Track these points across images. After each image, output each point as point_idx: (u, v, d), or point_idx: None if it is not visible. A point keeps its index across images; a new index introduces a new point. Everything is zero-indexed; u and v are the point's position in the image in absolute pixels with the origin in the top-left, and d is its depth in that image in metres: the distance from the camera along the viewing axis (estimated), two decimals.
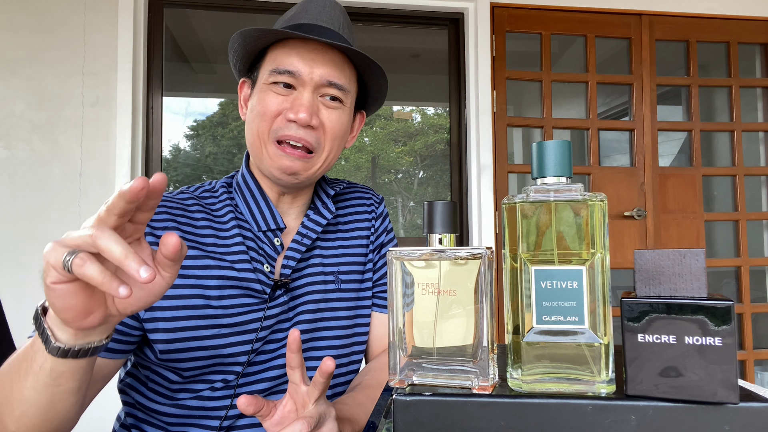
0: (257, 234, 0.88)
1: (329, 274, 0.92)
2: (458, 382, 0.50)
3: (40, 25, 2.42)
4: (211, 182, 0.94)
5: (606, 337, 0.47)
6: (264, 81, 0.86)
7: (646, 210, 2.78)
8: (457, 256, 0.52)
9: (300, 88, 0.85)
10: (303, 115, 0.82)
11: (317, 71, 0.84)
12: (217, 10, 2.76)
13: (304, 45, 0.85)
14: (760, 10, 2.91)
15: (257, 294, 0.84)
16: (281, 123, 0.84)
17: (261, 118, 0.85)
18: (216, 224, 0.86)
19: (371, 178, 4.04)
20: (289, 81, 0.84)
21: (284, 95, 0.85)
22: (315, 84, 0.84)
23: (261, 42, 0.86)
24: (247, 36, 0.84)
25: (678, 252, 0.47)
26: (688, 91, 2.91)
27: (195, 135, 3.37)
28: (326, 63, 0.85)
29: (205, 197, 0.90)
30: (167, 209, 0.84)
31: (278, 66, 0.84)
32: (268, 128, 0.85)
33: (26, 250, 2.35)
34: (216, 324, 0.80)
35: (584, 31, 2.83)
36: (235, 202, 0.90)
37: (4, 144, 2.38)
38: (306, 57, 0.84)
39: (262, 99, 0.85)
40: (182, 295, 0.80)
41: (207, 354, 0.80)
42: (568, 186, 0.50)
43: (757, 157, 3.06)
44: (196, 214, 0.86)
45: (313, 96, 0.85)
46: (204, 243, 0.84)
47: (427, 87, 3.73)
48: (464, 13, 2.80)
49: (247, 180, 0.90)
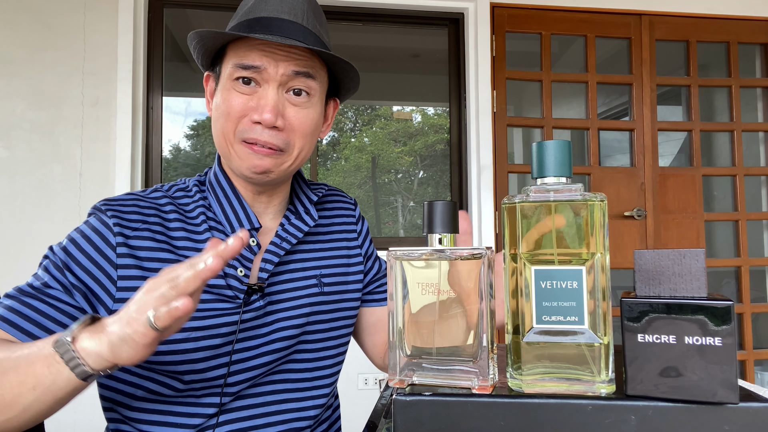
0: (231, 235, 0.85)
1: (311, 278, 0.90)
2: (458, 382, 0.50)
3: (40, 25, 2.42)
4: (185, 180, 0.91)
5: (606, 337, 0.47)
6: (228, 77, 0.83)
7: (646, 210, 2.78)
8: (457, 256, 0.52)
9: (264, 84, 0.81)
10: (268, 116, 0.79)
11: (282, 65, 0.80)
12: (217, 10, 2.76)
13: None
14: (760, 10, 2.91)
15: (229, 299, 0.81)
16: (246, 125, 0.81)
17: (226, 119, 0.82)
18: (189, 226, 0.84)
19: (371, 178, 4.04)
20: (253, 76, 0.81)
21: (248, 94, 0.81)
22: (280, 79, 0.81)
23: (218, 41, 0.83)
24: (204, 36, 0.81)
25: (678, 252, 0.47)
26: (688, 91, 2.91)
27: (195, 135, 3.37)
28: (290, 58, 0.81)
29: (178, 197, 0.87)
30: (139, 209, 0.81)
31: (241, 61, 0.81)
32: (233, 129, 0.82)
33: (26, 250, 2.35)
34: (189, 327, 0.78)
35: (584, 31, 2.83)
36: (208, 202, 0.87)
37: (4, 144, 2.38)
38: (268, 52, 0.80)
39: (226, 98, 0.82)
40: None
41: (179, 359, 0.78)
42: (568, 186, 0.50)
43: (757, 157, 3.06)
44: (169, 215, 0.83)
45: (278, 94, 0.81)
46: (177, 246, 0.81)
47: (427, 87, 3.73)
48: (464, 13, 2.80)
49: (220, 179, 0.87)
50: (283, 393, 0.87)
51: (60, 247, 0.79)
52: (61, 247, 0.78)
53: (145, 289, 0.59)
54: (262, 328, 0.84)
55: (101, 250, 0.78)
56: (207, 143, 3.34)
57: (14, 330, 0.72)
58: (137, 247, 0.79)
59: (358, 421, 1.55)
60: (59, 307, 0.74)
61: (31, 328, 0.72)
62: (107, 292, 0.77)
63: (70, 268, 0.76)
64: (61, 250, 0.78)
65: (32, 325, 0.72)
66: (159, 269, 0.78)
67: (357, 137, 4.10)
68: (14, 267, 2.34)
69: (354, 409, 1.72)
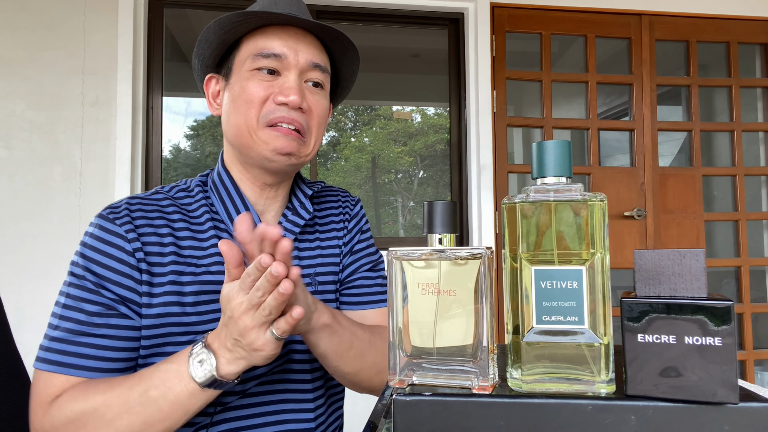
0: (233, 234, 0.86)
1: (306, 276, 0.90)
2: (458, 382, 0.50)
3: (40, 25, 2.42)
4: (186, 181, 0.91)
5: (606, 337, 0.47)
6: (246, 68, 0.84)
7: (646, 210, 2.78)
8: (457, 256, 0.52)
9: (285, 72, 0.83)
10: (294, 97, 0.81)
11: (302, 54, 0.83)
12: (217, 10, 2.75)
13: (284, 30, 0.84)
14: (760, 10, 2.91)
15: None
16: (270, 107, 0.82)
17: (248, 106, 0.83)
18: (193, 226, 0.84)
19: (371, 178, 4.04)
20: (274, 65, 0.83)
21: (269, 81, 0.83)
22: (300, 67, 0.84)
23: (241, 29, 0.84)
24: (226, 23, 0.82)
25: (678, 252, 0.47)
26: (688, 91, 2.91)
27: (195, 135, 3.37)
28: (308, 46, 0.85)
29: (180, 197, 0.87)
30: (144, 213, 0.82)
31: (262, 50, 0.82)
32: (257, 114, 0.83)
33: (26, 250, 2.35)
34: (191, 331, 0.79)
35: (584, 31, 2.83)
36: (210, 201, 0.88)
37: (4, 144, 2.38)
38: (288, 41, 0.83)
39: (245, 87, 0.83)
40: (162, 302, 0.78)
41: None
42: (568, 186, 0.50)
43: (757, 157, 3.06)
44: (173, 215, 0.83)
45: (299, 79, 0.84)
46: (182, 246, 0.82)
47: (427, 87, 3.73)
48: (464, 13, 2.80)
49: (224, 178, 0.88)
50: (282, 393, 0.86)
51: (82, 268, 0.78)
52: (84, 267, 0.78)
53: (227, 316, 0.67)
54: None
55: (122, 259, 0.78)
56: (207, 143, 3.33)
57: (85, 372, 0.74)
58: (149, 252, 0.79)
59: (358, 421, 1.54)
60: (114, 335, 0.76)
61: (98, 364, 0.75)
62: (137, 294, 0.78)
63: (104, 286, 0.77)
64: (84, 270, 0.78)
65: (98, 361, 0.75)
66: (164, 273, 0.79)
67: (357, 137, 4.10)
68: (14, 267, 2.34)
69: (354, 408, 1.72)
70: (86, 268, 0.77)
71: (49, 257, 2.36)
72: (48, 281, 2.34)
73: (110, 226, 0.79)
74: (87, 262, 0.77)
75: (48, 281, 2.34)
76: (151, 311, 0.78)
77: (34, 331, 1.70)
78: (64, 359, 0.73)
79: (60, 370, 0.73)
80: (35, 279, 2.34)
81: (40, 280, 2.34)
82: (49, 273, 2.35)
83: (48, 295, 2.33)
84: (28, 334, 1.80)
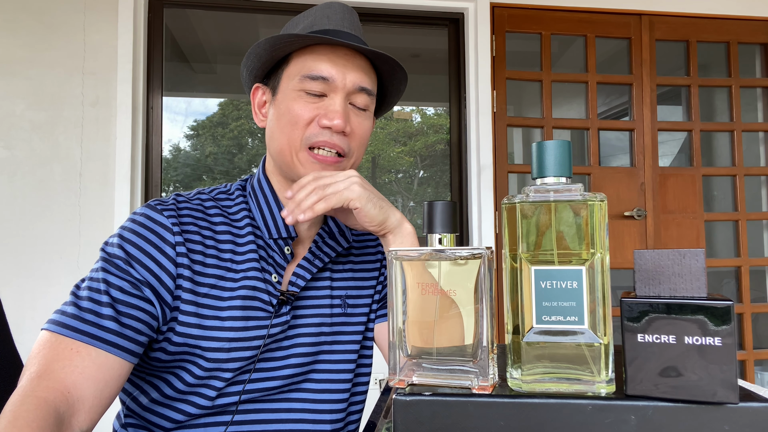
0: (268, 241, 0.86)
1: (336, 297, 0.90)
2: (458, 382, 0.50)
3: (40, 25, 2.42)
4: (226, 185, 0.93)
5: (606, 337, 0.47)
6: (293, 87, 0.85)
7: (646, 210, 2.78)
8: (457, 256, 0.52)
9: (332, 94, 0.84)
10: (338, 122, 0.82)
11: (350, 77, 0.84)
12: (217, 10, 2.76)
13: (334, 51, 0.84)
14: (760, 10, 2.91)
15: (264, 305, 0.82)
16: (314, 129, 0.84)
17: (293, 127, 0.84)
18: (233, 229, 0.85)
19: (371, 178, 4.03)
20: (321, 88, 0.84)
21: (315, 102, 0.84)
22: (347, 90, 0.84)
23: (291, 47, 0.85)
24: (277, 41, 0.83)
25: (678, 252, 0.47)
26: (688, 91, 2.91)
27: (195, 135, 3.37)
28: (357, 69, 0.85)
29: (221, 199, 0.89)
30: (189, 212, 0.83)
31: (310, 71, 0.83)
32: (300, 136, 0.84)
33: (26, 250, 2.35)
34: (221, 337, 0.79)
35: (584, 31, 2.83)
36: (249, 207, 0.89)
37: (4, 144, 2.38)
38: (338, 63, 0.84)
39: (291, 107, 0.84)
40: (197, 303, 0.78)
41: (208, 366, 0.79)
42: (568, 186, 0.50)
43: (757, 157, 3.06)
44: (215, 218, 0.85)
45: (344, 102, 0.85)
46: (222, 249, 0.82)
47: (427, 87, 3.73)
48: (464, 13, 2.80)
49: (263, 185, 0.89)
50: (298, 413, 0.86)
51: (117, 246, 0.78)
52: (118, 245, 0.78)
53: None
54: (284, 341, 0.85)
55: (160, 247, 0.78)
56: (207, 143, 3.34)
57: (91, 339, 0.71)
58: (192, 250, 0.80)
59: None
60: (131, 314, 0.74)
61: (106, 335, 0.72)
62: (168, 290, 0.77)
63: (133, 266, 0.76)
64: (117, 248, 0.77)
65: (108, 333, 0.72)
66: (204, 273, 0.79)
67: None
68: (14, 267, 2.34)
69: None
70: (120, 246, 0.78)
71: (49, 257, 2.36)
72: (48, 281, 2.34)
73: (157, 216, 0.80)
74: (122, 242, 0.78)
75: (48, 281, 2.34)
76: (187, 308, 0.78)
77: (34, 331, 1.70)
78: (75, 324, 0.71)
79: (68, 333, 0.71)
80: (35, 279, 2.34)
81: (40, 280, 2.34)
82: (49, 273, 2.35)
83: (48, 295, 2.33)
84: (28, 334, 1.80)
